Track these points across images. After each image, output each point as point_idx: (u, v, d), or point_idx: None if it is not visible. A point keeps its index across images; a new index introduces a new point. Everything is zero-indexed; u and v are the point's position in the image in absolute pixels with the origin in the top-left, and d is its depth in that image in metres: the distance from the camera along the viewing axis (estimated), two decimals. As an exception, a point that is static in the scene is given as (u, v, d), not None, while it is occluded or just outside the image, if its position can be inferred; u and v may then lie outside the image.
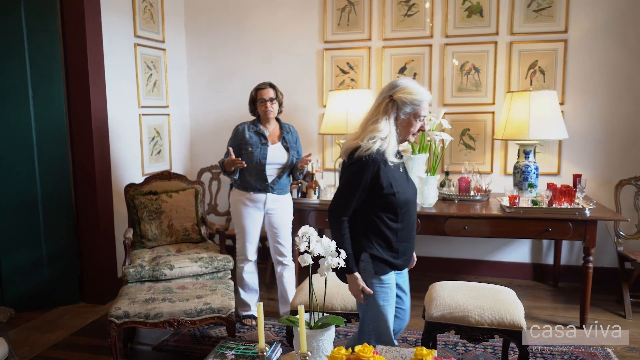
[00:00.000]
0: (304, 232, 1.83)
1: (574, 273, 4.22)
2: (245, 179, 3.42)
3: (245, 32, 4.72)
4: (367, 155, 2.09)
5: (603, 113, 4.06)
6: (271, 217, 3.51)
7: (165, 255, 3.41)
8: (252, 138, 3.40)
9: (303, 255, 1.85)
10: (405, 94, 2.12)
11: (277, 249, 3.56)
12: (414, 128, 2.18)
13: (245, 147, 3.39)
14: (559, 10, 4.05)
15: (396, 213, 2.18)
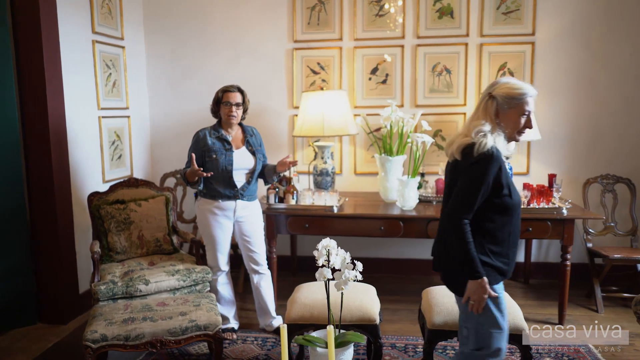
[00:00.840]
0: (325, 245, 1.71)
1: (544, 270, 4.34)
2: (212, 187, 3.23)
3: (209, 29, 4.50)
4: (489, 151, 1.95)
5: (568, 114, 4.19)
6: (242, 225, 3.35)
7: (138, 269, 3.16)
8: (214, 144, 3.22)
9: (322, 270, 1.73)
10: (504, 89, 2.03)
11: (251, 258, 3.40)
12: (519, 125, 2.04)
13: (208, 154, 3.21)
14: (527, 14, 4.14)
15: (511, 215, 2.05)
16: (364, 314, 2.53)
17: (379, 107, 4.34)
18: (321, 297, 2.64)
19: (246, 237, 3.36)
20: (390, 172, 3.84)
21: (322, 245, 1.73)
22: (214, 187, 3.23)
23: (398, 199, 3.68)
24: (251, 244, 3.37)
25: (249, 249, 3.38)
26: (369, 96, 4.39)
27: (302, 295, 2.71)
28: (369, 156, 4.45)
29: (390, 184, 3.86)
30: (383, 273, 4.56)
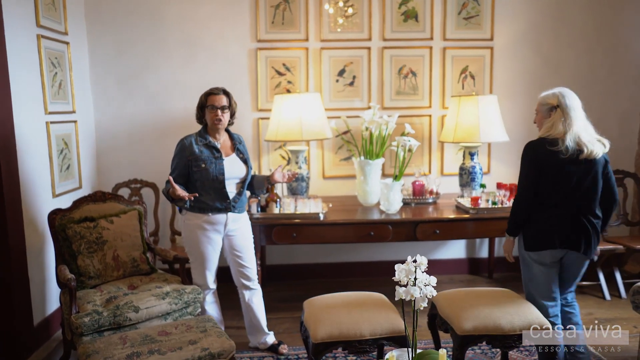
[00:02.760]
0: (420, 262, 1.60)
1: (506, 263, 4.54)
2: (201, 199, 2.97)
3: (162, 26, 4.14)
4: None
5: (523, 116, 4.42)
6: (232, 239, 3.12)
7: (121, 295, 2.81)
8: (202, 153, 2.97)
9: (408, 288, 1.62)
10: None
11: (241, 273, 3.18)
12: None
13: (196, 163, 2.95)
14: (485, 19, 4.31)
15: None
16: (394, 325, 2.45)
17: (347, 110, 4.29)
18: (344, 312, 2.53)
19: (237, 252, 3.13)
20: (370, 175, 3.80)
21: (418, 262, 1.62)
22: (204, 199, 2.96)
23: (382, 203, 3.65)
24: (242, 259, 3.15)
25: (240, 264, 3.15)
26: (336, 98, 4.31)
27: (321, 311, 2.56)
28: (338, 159, 4.37)
29: (370, 187, 3.82)
30: (354, 277, 4.51)
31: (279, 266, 4.42)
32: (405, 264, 1.65)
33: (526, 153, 2.66)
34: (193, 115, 4.11)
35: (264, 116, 4.26)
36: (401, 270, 1.63)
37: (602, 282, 4.03)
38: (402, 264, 1.69)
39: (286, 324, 3.63)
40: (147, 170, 4.21)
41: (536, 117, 2.78)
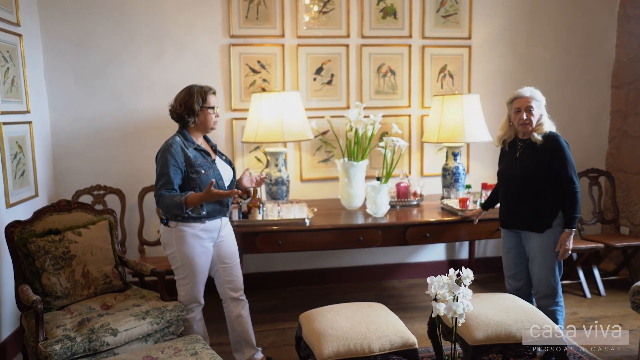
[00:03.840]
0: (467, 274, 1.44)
1: (485, 264, 4.52)
2: (202, 210, 2.70)
3: (127, 18, 3.81)
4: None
5: (500, 115, 4.34)
6: (221, 246, 2.86)
7: (94, 317, 2.50)
8: (197, 158, 2.70)
9: (450, 305, 1.46)
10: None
11: (230, 283, 2.92)
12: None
13: (193, 170, 2.66)
14: (463, 18, 4.25)
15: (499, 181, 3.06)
16: (403, 339, 2.30)
17: (325, 109, 4.12)
18: (349, 326, 2.35)
19: (226, 260, 2.89)
20: (355, 178, 3.64)
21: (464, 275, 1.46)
22: (204, 208, 2.68)
23: (369, 206, 3.50)
24: (231, 267, 2.91)
25: (229, 273, 2.90)
26: (314, 97, 4.13)
27: (324, 326, 2.37)
28: (316, 161, 4.19)
29: (355, 190, 3.66)
30: (335, 283, 4.34)
31: (255, 274, 4.18)
32: (447, 277, 1.49)
33: (567, 145, 2.79)
34: (161, 116, 3.87)
35: (238, 116, 4.02)
36: (443, 285, 1.46)
37: (583, 281, 4.05)
38: (440, 277, 1.52)
39: (271, 338, 3.41)
40: (110, 175, 3.87)
41: (529, 113, 2.83)
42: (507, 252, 3.00)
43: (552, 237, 2.79)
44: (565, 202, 2.77)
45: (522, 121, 2.82)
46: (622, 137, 4.47)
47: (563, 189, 2.77)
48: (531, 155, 2.81)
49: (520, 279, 2.94)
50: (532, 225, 2.82)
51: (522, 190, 2.83)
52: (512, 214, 2.91)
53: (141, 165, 3.90)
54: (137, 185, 3.87)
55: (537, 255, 2.83)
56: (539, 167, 2.77)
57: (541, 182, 2.78)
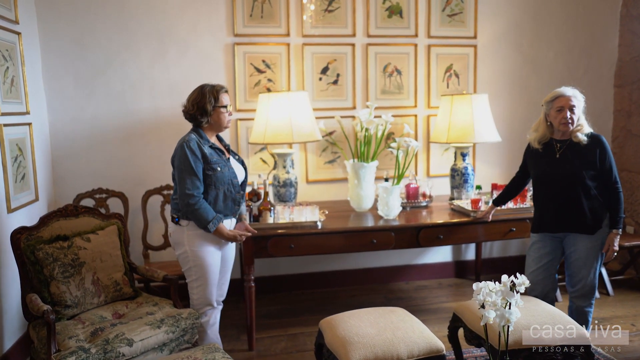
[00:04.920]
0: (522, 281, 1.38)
1: (492, 265, 4.49)
2: (214, 206, 2.64)
3: (128, 16, 3.70)
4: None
5: (505, 115, 4.38)
6: (227, 248, 2.84)
7: (108, 326, 2.40)
8: (212, 155, 2.66)
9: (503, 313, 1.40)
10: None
11: (220, 287, 2.87)
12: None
13: (210, 167, 2.62)
14: (469, 17, 4.22)
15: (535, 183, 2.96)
16: (431, 344, 2.24)
17: (331, 110, 4.05)
18: (374, 332, 2.28)
19: (228, 263, 2.88)
20: (365, 179, 3.58)
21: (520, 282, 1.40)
22: (214, 206, 2.64)
23: (381, 208, 3.44)
24: (227, 271, 2.89)
25: (224, 277, 2.87)
26: (319, 97, 4.06)
27: (349, 332, 2.30)
28: (322, 162, 4.12)
29: (365, 192, 3.60)
30: (342, 286, 4.28)
31: (260, 278, 4.09)
32: (501, 285, 1.43)
33: (609, 146, 2.81)
34: (164, 117, 3.78)
35: (243, 117, 3.93)
36: (497, 292, 1.40)
37: (591, 280, 4.03)
38: (486, 283, 1.46)
39: (282, 343, 3.33)
40: (112, 178, 3.75)
41: (572, 112, 2.77)
42: (539, 257, 2.88)
43: (601, 238, 2.77)
44: (611, 202, 2.74)
45: (565, 120, 2.74)
46: (625, 136, 4.48)
47: (608, 189, 2.74)
48: (576, 156, 2.76)
49: (548, 284, 2.89)
50: (583, 227, 2.77)
51: (570, 191, 2.76)
52: (559, 216, 2.81)
53: (144, 168, 3.79)
54: (139, 188, 3.76)
55: (584, 256, 2.78)
56: (587, 167, 2.73)
57: (589, 182, 2.73)
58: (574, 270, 2.82)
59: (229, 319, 3.65)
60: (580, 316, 2.81)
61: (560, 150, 2.81)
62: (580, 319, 2.80)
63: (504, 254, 4.53)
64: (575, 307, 2.85)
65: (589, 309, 2.83)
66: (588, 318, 2.83)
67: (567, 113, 2.74)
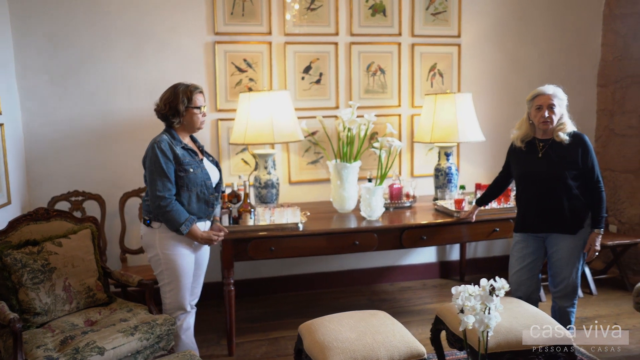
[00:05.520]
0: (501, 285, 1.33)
1: (476, 266, 4.46)
2: (187, 208, 2.57)
3: (104, 13, 3.60)
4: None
5: (489, 115, 4.35)
6: (200, 251, 2.78)
7: (78, 334, 2.31)
8: (185, 156, 2.60)
9: (481, 317, 1.35)
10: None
11: (193, 291, 2.81)
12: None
13: (182, 168, 2.56)
14: (453, 16, 4.18)
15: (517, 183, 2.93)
16: (412, 349, 2.19)
17: (314, 109, 3.99)
18: (354, 337, 2.23)
19: (202, 266, 2.82)
20: (348, 180, 3.52)
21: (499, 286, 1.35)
22: (187, 207, 2.57)
23: (363, 209, 3.39)
24: (200, 275, 2.84)
25: (196, 280, 2.81)
26: (302, 97, 3.99)
27: (328, 337, 2.24)
28: (305, 163, 4.05)
29: (348, 192, 3.54)
30: (324, 289, 4.22)
31: (241, 282, 4.02)
32: (479, 288, 1.38)
33: (591, 145, 2.77)
34: (142, 117, 3.69)
35: (224, 117, 3.85)
36: (475, 296, 1.35)
37: (575, 280, 4.02)
38: (465, 287, 1.41)
39: (264, 348, 3.26)
40: (89, 180, 3.66)
41: (551, 111, 2.73)
42: (522, 257, 2.86)
43: (583, 238, 2.74)
44: (593, 202, 2.71)
45: (544, 119, 2.71)
46: (608, 136, 4.48)
47: (590, 189, 2.71)
48: (558, 155, 2.73)
49: (531, 285, 2.86)
50: (565, 227, 2.74)
51: (551, 191, 2.73)
52: (541, 216, 2.78)
53: (121, 170, 3.70)
54: (117, 191, 3.67)
55: (566, 256, 2.75)
56: (569, 167, 2.70)
57: (571, 182, 2.70)
58: (556, 270, 2.79)
59: (209, 323, 3.58)
60: (563, 316, 2.79)
61: (543, 149, 2.78)
62: (563, 319, 2.77)
63: (489, 254, 4.51)
64: (558, 307, 2.83)
65: (571, 309, 2.80)
66: (570, 318, 2.80)
67: (545, 112, 2.71)
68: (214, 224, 2.80)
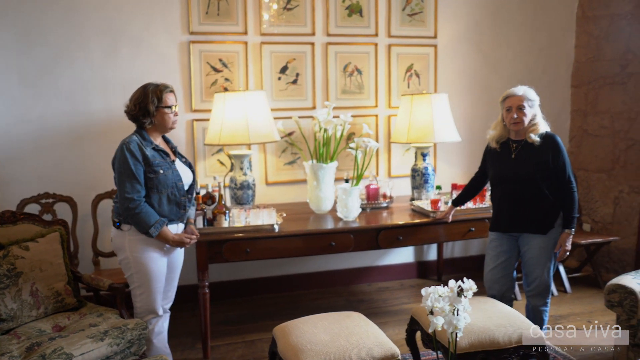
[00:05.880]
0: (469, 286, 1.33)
1: (454, 265, 4.49)
2: (157, 210, 2.53)
3: (78, 12, 3.53)
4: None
5: (465, 115, 4.38)
6: (174, 254, 2.73)
7: (45, 341, 2.26)
8: (155, 157, 2.55)
9: (450, 319, 1.35)
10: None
11: (166, 295, 2.76)
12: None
13: (152, 169, 2.51)
14: (429, 17, 4.20)
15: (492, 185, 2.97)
16: (385, 350, 2.18)
17: (291, 110, 3.97)
18: (328, 339, 2.21)
19: (175, 269, 2.77)
20: (324, 180, 3.51)
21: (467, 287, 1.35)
22: (157, 209, 2.52)
23: (340, 210, 3.38)
24: (174, 278, 2.78)
25: (170, 284, 2.76)
26: (279, 97, 3.97)
27: (301, 340, 2.22)
28: (281, 163, 4.03)
29: (324, 193, 3.53)
30: (302, 290, 4.20)
31: (218, 284, 3.98)
32: (448, 289, 1.37)
33: (563, 145, 2.79)
34: (116, 117, 3.62)
35: (199, 117, 3.81)
36: (444, 298, 1.35)
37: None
38: (435, 288, 1.41)
39: (239, 351, 3.23)
40: (60, 182, 3.58)
41: (521, 112, 2.75)
42: (496, 256, 2.89)
43: (553, 238, 2.76)
44: (565, 202, 2.73)
45: (514, 120, 2.74)
46: (582, 136, 4.55)
47: (561, 189, 2.73)
48: (530, 156, 2.75)
49: (505, 283, 2.89)
50: (535, 227, 2.76)
51: (523, 191, 2.75)
52: (513, 216, 2.81)
53: (94, 171, 3.64)
54: (89, 193, 3.60)
55: (536, 255, 2.77)
56: (540, 168, 2.71)
57: (542, 182, 2.72)
58: (528, 270, 2.82)
59: (185, 327, 3.54)
60: (537, 315, 2.81)
61: (516, 150, 2.80)
62: (537, 317, 2.80)
63: (466, 253, 4.54)
64: (532, 306, 2.85)
65: (544, 308, 2.83)
66: (543, 317, 2.83)
67: (514, 113, 2.74)
68: (188, 226, 2.76)
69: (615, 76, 4.23)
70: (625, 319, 2.60)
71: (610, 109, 4.29)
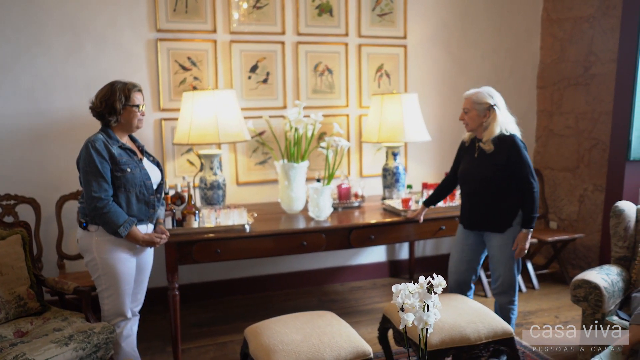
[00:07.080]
0: (438, 282, 1.33)
1: (425, 264, 4.53)
2: (126, 211, 2.47)
3: (39, 6, 3.41)
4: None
5: (435, 115, 4.43)
6: (143, 255, 2.67)
7: (6, 347, 2.17)
8: (122, 156, 2.49)
9: (420, 315, 1.35)
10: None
11: (135, 297, 2.70)
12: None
13: (119, 167, 2.45)
14: (399, 17, 4.23)
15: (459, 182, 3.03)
16: (358, 348, 2.18)
17: (261, 109, 3.94)
18: (300, 339, 2.20)
19: (145, 271, 2.71)
20: (295, 180, 3.49)
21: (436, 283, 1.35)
22: (128, 210, 2.47)
23: (312, 209, 3.36)
24: (144, 280, 2.73)
25: (139, 286, 2.70)
26: (249, 97, 3.93)
27: (273, 340, 2.20)
28: (252, 163, 3.99)
29: (296, 193, 3.51)
30: (273, 290, 4.17)
31: (189, 286, 3.91)
32: (418, 286, 1.38)
33: (523, 146, 2.79)
34: (80, 116, 3.53)
35: (168, 116, 3.74)
36: (414, 294, 1.35)
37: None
38: (406, 285, 1.41)
39: (211, 353, 3.18)
40: (23, 183, 3.46)
41: (467, 115, 2.83)
42: (461, 248, 2.94)
43: (512, 236, 2.79)
44: (524, 201, 2.76)
45: (464, 122, 2.86)
46: (548, 136, 4.66)
47: (521, 189, 2.77)
48: (488, 157, 2.79)
49: (466, 276, 2.94)
50: (493, 226, 2.81)
51: (482, 191, 2.81)
52: (473, 215, 2.88)
53: (57, 172, 3.53)
54: (53, 194, 3.49)
55: (497, 253, 2.82)
56: (497, 169, 2.75)
57: (500, 183, 2.76)
58: (492, 267, 2.89)
59: (155, 330, 3.46)
60: (503, 312, 2.86)
61: (478, 150, 2.86)
62: (504, 315, 2.84)
63: (437, 252, 4.59)
64: (499, 304, 2.90)
65: (510, 305, 2.87)
66: (510, 315, 2.87)
67: (463, 115, 2.84)
68: (157, 226, 2.70)
69: (579, 77, 4.34)
70: (590, 313, 2.67)
71: (574, 109, 4.40)
